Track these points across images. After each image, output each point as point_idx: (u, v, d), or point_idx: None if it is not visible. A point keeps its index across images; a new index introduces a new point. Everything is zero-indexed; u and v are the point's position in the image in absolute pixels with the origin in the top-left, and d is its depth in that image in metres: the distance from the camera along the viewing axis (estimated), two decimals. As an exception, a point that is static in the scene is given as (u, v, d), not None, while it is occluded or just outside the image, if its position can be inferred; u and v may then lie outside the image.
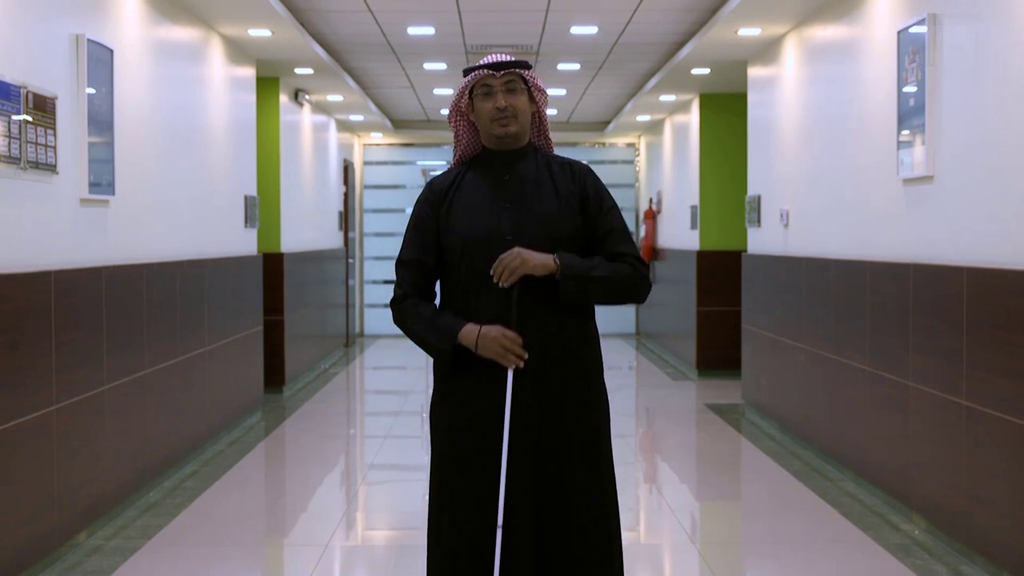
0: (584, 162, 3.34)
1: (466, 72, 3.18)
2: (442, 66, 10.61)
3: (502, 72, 3.11)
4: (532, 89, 3.17)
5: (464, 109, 3.21)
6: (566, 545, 3.03)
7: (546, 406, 3.04)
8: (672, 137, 13.06)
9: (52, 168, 4.89)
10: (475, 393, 3.06)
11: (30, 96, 4.65)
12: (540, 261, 3.00)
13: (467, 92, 3.17)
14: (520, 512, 2.99)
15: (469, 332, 3.02)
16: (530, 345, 3.02)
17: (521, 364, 3.00)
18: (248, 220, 8.66)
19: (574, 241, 3.11)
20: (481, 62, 3.16)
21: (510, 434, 2.99)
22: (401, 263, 3.19)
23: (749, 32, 8.05)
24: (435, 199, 3.18)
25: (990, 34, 4.68)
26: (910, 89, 5.50)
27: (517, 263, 2.99)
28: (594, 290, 3.07)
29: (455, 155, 3.27)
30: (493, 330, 3.00)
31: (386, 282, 15.48)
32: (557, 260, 3.01)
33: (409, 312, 3.14)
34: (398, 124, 15.19)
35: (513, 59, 3.16)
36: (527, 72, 3.16)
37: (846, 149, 6.66)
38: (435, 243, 3.15)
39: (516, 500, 2.99)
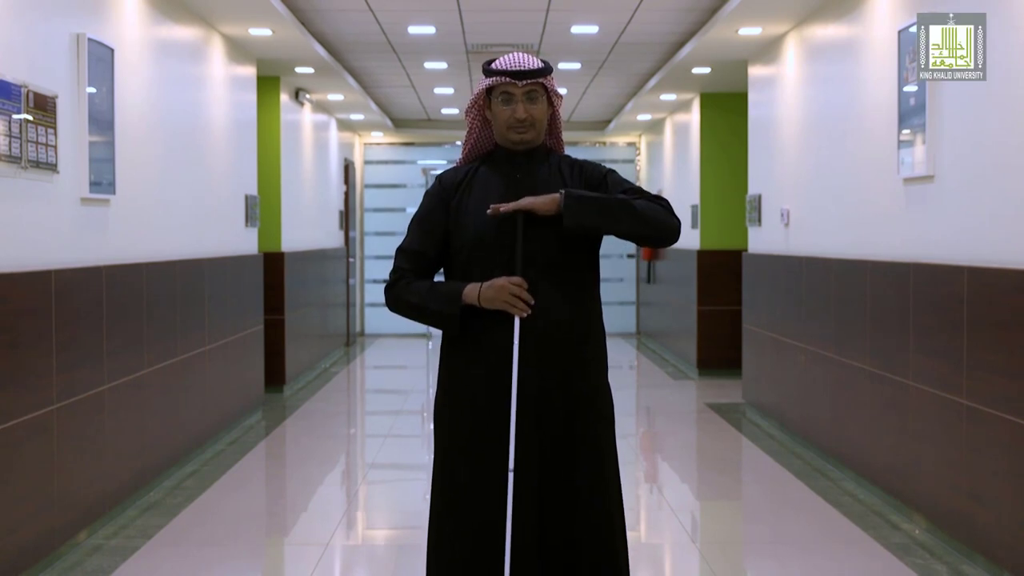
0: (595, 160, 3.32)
1: (486, 70, 3.13)
2: (443, 65, 10.60)
3: (524, 82, 3.08)
4: (551, 94, 3.15)
5: (481, 104, 3.18)
6: (571, 541, 3.03)
7: (547, 404, 3.03)
8: (673, 136, 13.05)
9: (53, 167, 4.89)
10: (479, 376, 3.04)
11: (31, 95, 4.64)
12: (545, 198, 3.01)
13: (485, 90, 3.15)
14: (524, 509, 2.98)
15: (472, 288, 3.02)
16: (533, 336, 3.00)
17: (528, 312, 2.99)
18: (249, 219, 8.66)
19: (586, 242, 3.11)
20: (503, 62, 3.10)
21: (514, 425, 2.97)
22: (402, 251, 3.18)
23: (749, 31, 8.05)
24: (445, 194, 3.16)
25: (990, 34, 4.67)
26: (911, 88, 5.50)
27: (519, 204, 3.01)
28: (599, 211, 3.00)
29: (464, 149, 3.25)
30: (498, 280, 3.00)
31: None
32: (562, 190, 3.03)
33: (405, 288, 3.14)
34: (399, 123, 15.19)
35: (535, 64, 3.09)
36: (547, 79, 3.12)
37: (847, 148, 6.66)
38: (439, 237, 3.14)
39: (519, 494, 2.97)
